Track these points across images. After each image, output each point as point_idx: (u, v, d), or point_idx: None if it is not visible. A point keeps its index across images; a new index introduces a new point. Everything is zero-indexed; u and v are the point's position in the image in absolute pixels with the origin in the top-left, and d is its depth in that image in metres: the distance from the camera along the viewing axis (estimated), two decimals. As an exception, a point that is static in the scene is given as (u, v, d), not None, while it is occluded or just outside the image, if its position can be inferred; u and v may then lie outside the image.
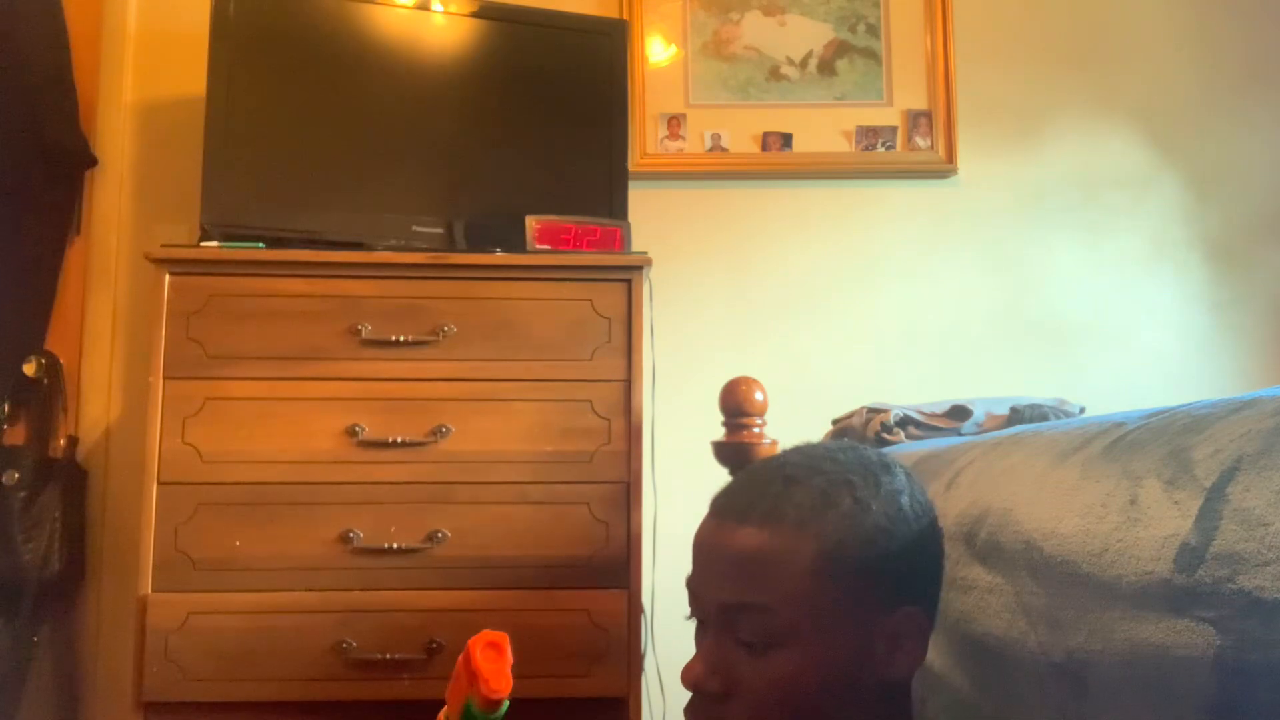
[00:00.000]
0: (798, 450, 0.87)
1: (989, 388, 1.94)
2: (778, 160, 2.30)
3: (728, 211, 2.30)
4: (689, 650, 0.86)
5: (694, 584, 0.83)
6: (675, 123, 2.29)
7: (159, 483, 1.64)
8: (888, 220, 2.32)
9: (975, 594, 0.87)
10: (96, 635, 2.06)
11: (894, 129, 2.31)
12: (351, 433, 1.66)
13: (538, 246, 1.78)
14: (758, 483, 0.83)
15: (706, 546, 0.83)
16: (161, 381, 1.65)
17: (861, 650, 0.77)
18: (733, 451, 1.38)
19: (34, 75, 2.07)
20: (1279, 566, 0.55)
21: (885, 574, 0.79)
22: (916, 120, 2.31)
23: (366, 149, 1.91)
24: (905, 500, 0.81)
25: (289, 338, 1.68)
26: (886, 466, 0.84)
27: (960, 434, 1.42)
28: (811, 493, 0.79)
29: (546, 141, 1.98)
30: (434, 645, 1.62)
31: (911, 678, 0.82)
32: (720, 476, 1.41)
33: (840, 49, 2.33)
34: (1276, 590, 0.54)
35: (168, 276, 1.68)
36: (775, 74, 2.32)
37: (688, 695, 0.87)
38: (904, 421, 1.48)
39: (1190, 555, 0.61)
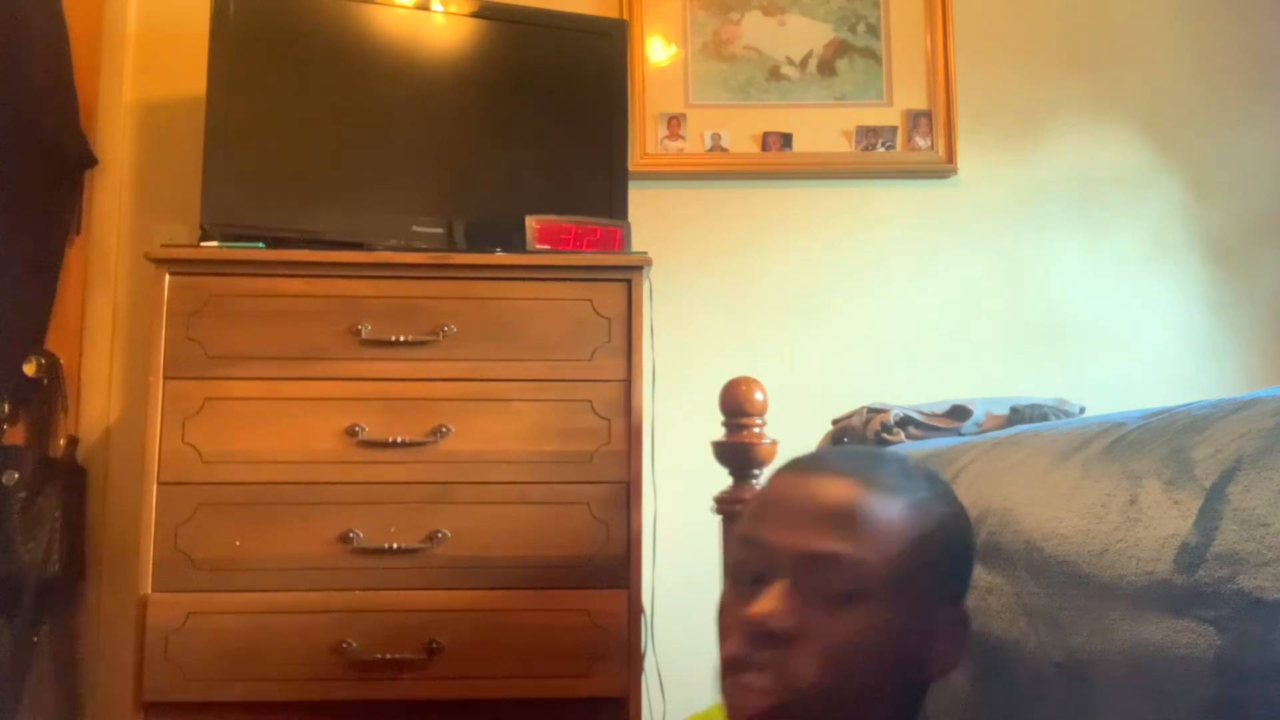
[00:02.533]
0: (869, 445, 0.86)
1: (989, 388, 1.94)
2: (778, 160, 2.30)
3: (728, 211, 2.30)
4: (689, 650, 0.84)
5: (765, 530, 0.77)
6: (675, 123, 2.29)
7: (159, 483, 1.64)
8: (888, 220, 2.32)
9: (975, 594, 0.87)
10: (96, 635, 2.06)
11: (894, 129, 2.31)
12: (352, 433, 1.66)
13: (538, 246, 1.78)
14: (845, 451, 0.83)
15: (789, 495, 0.78)
16: (161, 381, 1.65)
17: (926, 634, 0.76)
18: (733, 451, 1.38)
19: (34, 76, 2.07)
20: (1279, 566, 0.55)
21: (956, 565, 0.79)
22: (916, 120, 2.31)
23: (366, 149, 1.91)
24: (960, 508, 0.82)
25: (289, 338, 1.68)
26: (938, 475, 0.85)
27: (960, 434, 1.42)
28: (904, 467, 0.80)
29: (546, 141, 1.98)
30: (434, 645, 1.62)
31: (938, 679, 0.80)
32: (720, 476, 1.41)
33: (840, 49, 2.33)
34: (1277, 590, 0.54)
35: (168, 276, 1.68)
36: (775, 74, 2.32)
37: (688, 694, 0.86)
38: (904, 421, 1.48)
39: (1190, 555, 0.61)
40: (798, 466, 0.81)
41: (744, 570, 0.78)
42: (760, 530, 0.77)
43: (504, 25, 1.99)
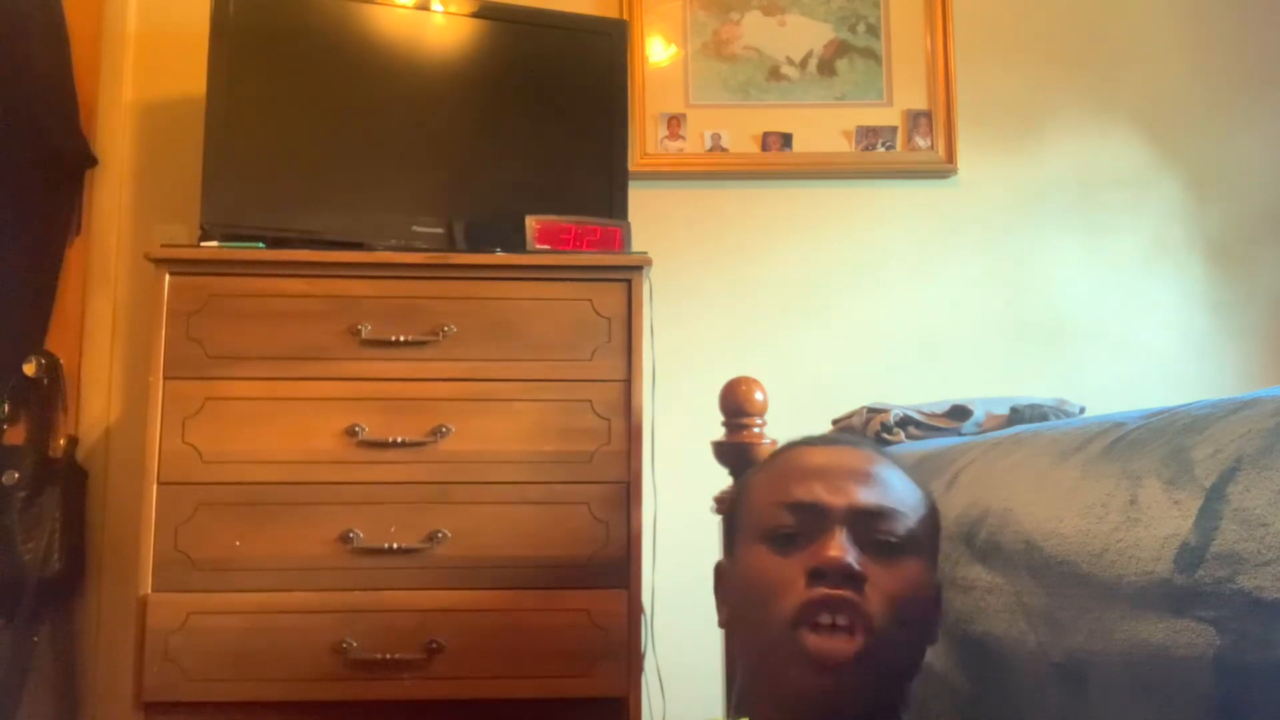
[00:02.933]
0: None
1: (989, 388, 1.94)
2: (778, 160, 2.30)
3: (728, 211, 2.30)
4: (689, 650, 0.86)
5: (812, 489, 0.81)
6: (675, 123, 2.29)
7: (159, 483, 1.64)
8: (888, 220, 2.32)
9: (975, 594, 0.87)
10: (96, 635, 2.06)
11: (894, 129, 2.31)
12: (351, 433, 1.66)
13: (538, 246, 1.78)
14: (843, 436, 0.96)
15: (827, 461, 0.85)
16: (161, 381, 1.65)
17: (935, 601, 0.86)
18: (733, 451, 1.38)
19: (34, 76, 2.07)
20: (1279, 566, 0.55)
21: (937, 545, 0.89)
22: (916, 120, 2.31)
23: (366, 149, 1.91)
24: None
25: (289, 338, 1.68)
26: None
27: (960, 434, 1.42)
28: (889, 453, 0.92)
29: (547, 141, 1.98)
30: (434, 645, 1.62)
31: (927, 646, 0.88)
32: (720, 476, 1.41)
33: (840, 49, 2.33)
34: (1277, 590, 0.54)
35: (168, 276, 1.68)
36: (775, 74, 2.32)
37: (688, 694, 0.88)
38: (904, 421, 1.48)
39: (1190, 555, 0.61)
40: (813, 441, 0.89)
41: (783, 534, 0.81)
42: (804, 491, 0.81)
43: (504, 25, 1.99)
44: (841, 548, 0.77)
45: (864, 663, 0.76)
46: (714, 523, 1.40)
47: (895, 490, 0.83)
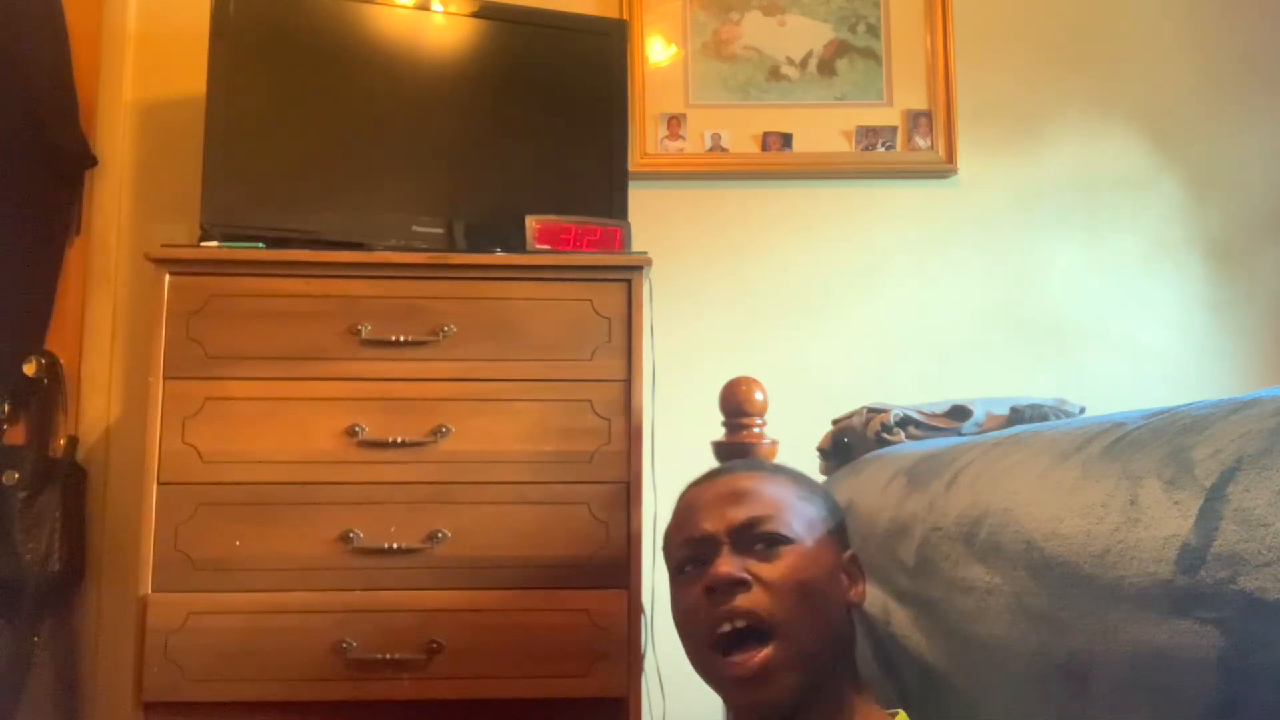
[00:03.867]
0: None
1: (989, 388, 1.94)
2: (778, 160, 2.30)
3: (728, 211, 2.30)
4: None
5: (698, 524, 0.99)
6: (675, 123, 2.29)
7: (159, 483, 1.64)
8: (888, 220, 2.32)
9: (975, 595, 0.87)
10: (96, 635, 2.06)
11: (894, 129, 2.31)
12: (352, 433, 1.66)
13: (538, 246, 1.78)
14: (724, 466, 1.10)
15: (707, 494, 1.02)
16: (161, 381, 1.65)
17: (834, 569, 0.99)
18: (733, 451, 1.38)
19: (34, 75, 2.07)
20: (1279, 567, 0.55)
21: (833, 521, 1.03)
22: (916, 120, 2.31)
23: (366, 149, 1.91)
24: (825, 488, 1.10)
25: (289, 338, 1.68)
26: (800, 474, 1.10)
27: (960, 434, 1.42)
28: (768, 465, 1.09)
29: (546, 141, 1.98)
30: (434, 645, 1.62)
31: (853, 613, 1.02)
32: (720, 476, 1.41)
33: (840, 49, 2.33)
34: (1277, 591, 0.54)
35: (168, 276, 1.68)
36: (775, 74, 2.32)
37: (688, 694, 0.90)
38: (904, 421, 1.48)
39: (1191, 556, 0.61)
40: (700, 479, 1.06)
41: (686, 566, 0.99)
42: (692, 527, 0.99)
43: (504, 25, 1.99)
44: (726, 562, 0.94)
45: (774, 660, 0.91)
46: (714, 523, 1.39)
47: (766, 497, 0.98)
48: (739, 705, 0.96)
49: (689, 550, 0.99)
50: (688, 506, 1.03)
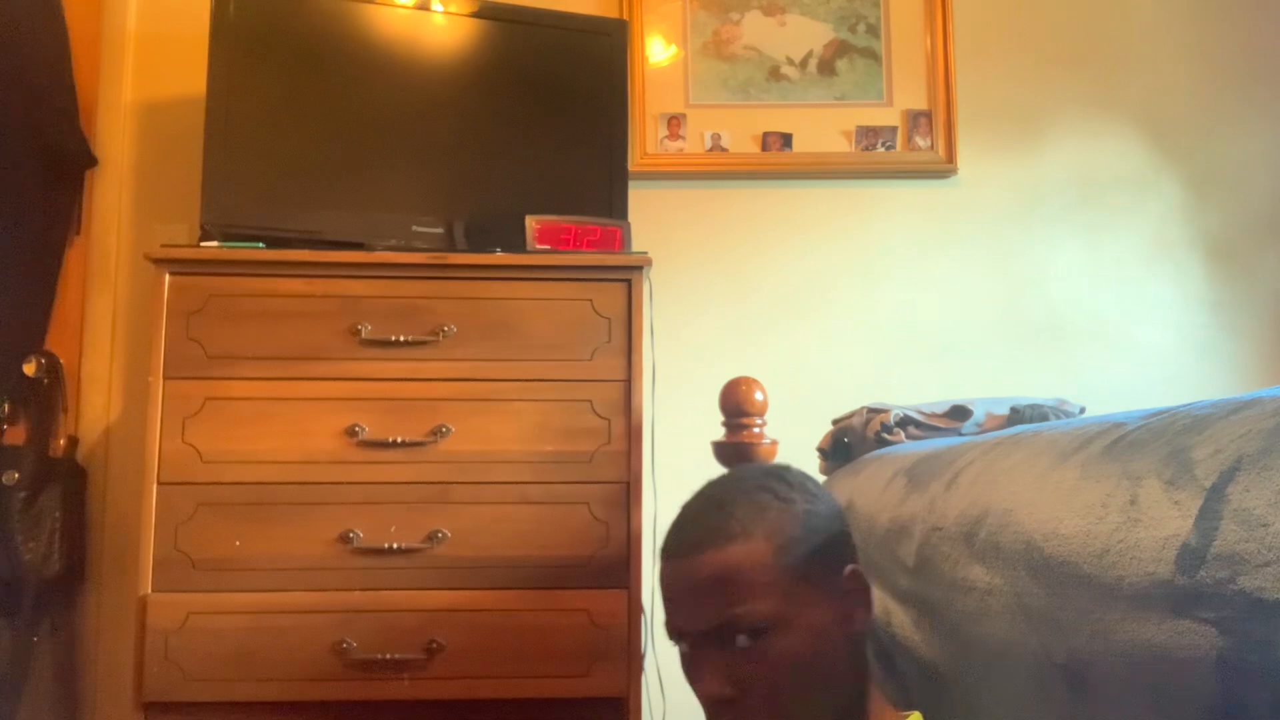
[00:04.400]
0: (711, 483, 1.01)
1: (989, 388, 1.94)
2: (778, 160, 2.30)
3: (728, 211, 2.30)
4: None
5: (677, 620, 0.93)
6: (675, 123, 2.29)
7: (159, 483, 1.64)
8: (888, 220, 2.32)
9: (975, 595, 0.87)
10: (96, 635, 2.06)
11: (894, 129, 2.31)
12: (351, 433, 1.66)
13: (538, 246, 1.78)
14: (695, 517, 0.96)
15: (677, 586, 0.94)
16: (161, 381, 1.65)
17: (830, 611, 0.91)
18: (733, 451, 1.38)
19: (34, 76, 2.07)
20: (1279, 567, 0.55)
21: (824, 544, 0.93)
22: (916, 120, 2.31)
23: (366, 149, 1.91)
24: (811, 485, 0.98)
25: (289, 338, 1.68)
26: (780, 470, 1.00)
27: (960, 434, 1.42)
28: (743, 507, 0.93)
29: (546, 141, 1.98)
30: (434, 645, 1.62)
31: (867, 631, 0.95)
32: (720, 476, 1.41)
33: (840, 49, 2.33)
34: (1277, 591, 0.54)
35: (168, 276, 1.68)
36: (775, 74, 2.32)
37: (688, 694, 0.90)
38: (904, 421, 1.48)
39: (1191, 556, 0.61)
40: (667, 552, 0.96)
41: (681, 640, 0.94)
42: (670, 625, 0.94)
43: (504, 25, 1.99)
44: (714, 678, 0.89)
45: None
46: (714, 523, 1.39)
47: (740, 576, 0.89)
48: None
49: (675, 638, 0.95)
50: (665, 588, 0.96)
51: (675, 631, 0.94)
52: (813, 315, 2.28)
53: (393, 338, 1.69)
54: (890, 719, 0.95)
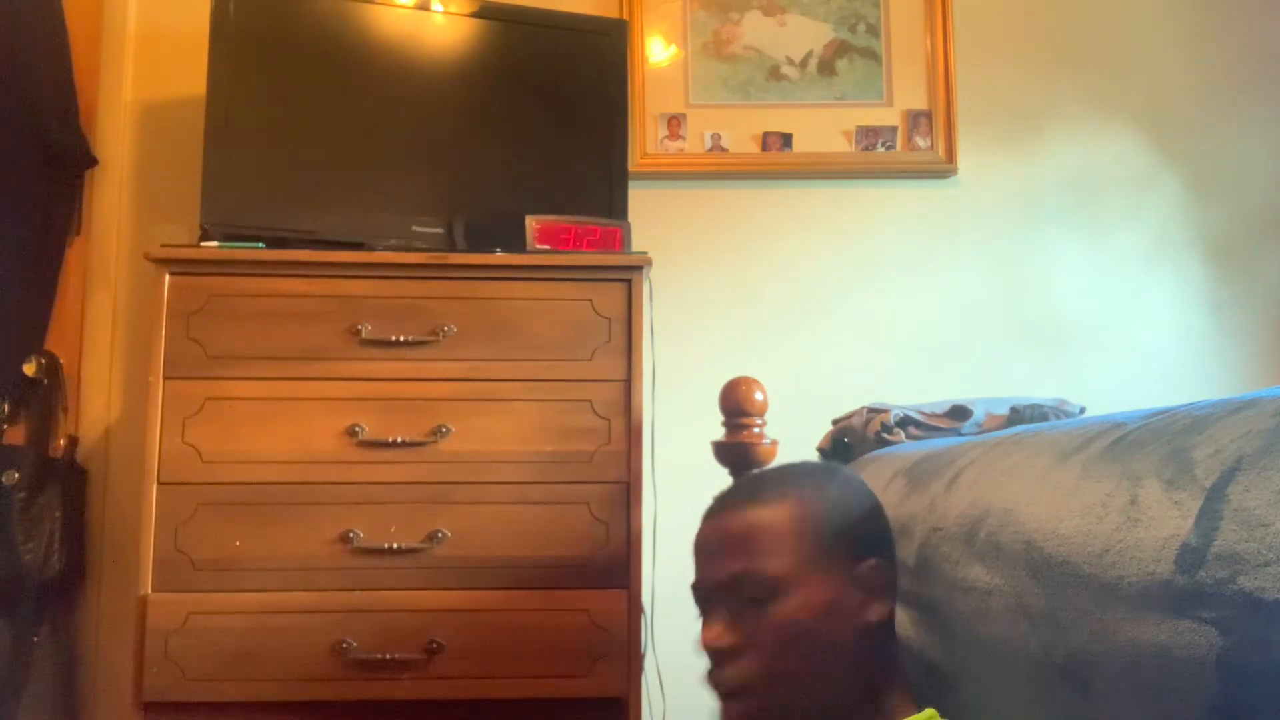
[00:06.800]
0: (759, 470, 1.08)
1: (989, 388, 1.94)
2: (778, 160, 2.30)
3: (728, 211, 2.30)
4: (689, 650, 0.89)
5: (700, 572, 0.98)
6: (675, 123, 2.29)
7: (159, 483, 1.64)
8: (888, 220, 2.32)
9: (976, 595, 0.87)
10: (96, 635, 2.06)
11: (894, 129, 2.31)
12: (351, 433, 1.66)
13: (538, 246, 1.78)
14: (735, 486, 1.04)
15: (705, 542, 0.99)
16: (161, 381, 1.65)
17: (841, 594, 0.92)
18: (733, 451, 1.38)
19: (34, 75, 2.07)
20: (1279, 567, 0.55)
21: (848, 532, 0.96)
22: (916, 120, 2.31)
23: (366, 149, 1.91)
24: (856, 483, 1.02)
25: (289, 338, 1.68)
26: (831, 465, 1.07)
27: (960, 434, 1.42)
28: (778, 480, 1.00)
29: (546, 141, 1.98)
30: (434, 645, 1.62)
31: (884, 626, 0.95)
32: (720, 476, 1.41)
33: (840, 49, 2.33)
34: (1277, 591, 0.54)
35: (168, 276, 1.68)
36: (775, 74, 2.32)
37: (688, 694, 0.90)
38: (904, 421, 1.48)
39: (1191, 556, 0.61)
40: (704, 515, 1.01)
41: (702, 603, 0.98)
42: (697, 574, 0.98)
43: (504, 25, 1.99)
44: (716, 631, 0.93)
45: (762, 715, 0.91)
46: (714, 523, 1.39)
47: (755, 542, 0.93)
48: None
49: (695, 595, 1.00)
50: (696, 547, 1.01)
51: (695, 588, 0.98)
52: (813, 315, 2.28)
53: (393, 338, 1.69)
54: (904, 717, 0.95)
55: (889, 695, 0.93)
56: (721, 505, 1.00)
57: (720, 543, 0.96)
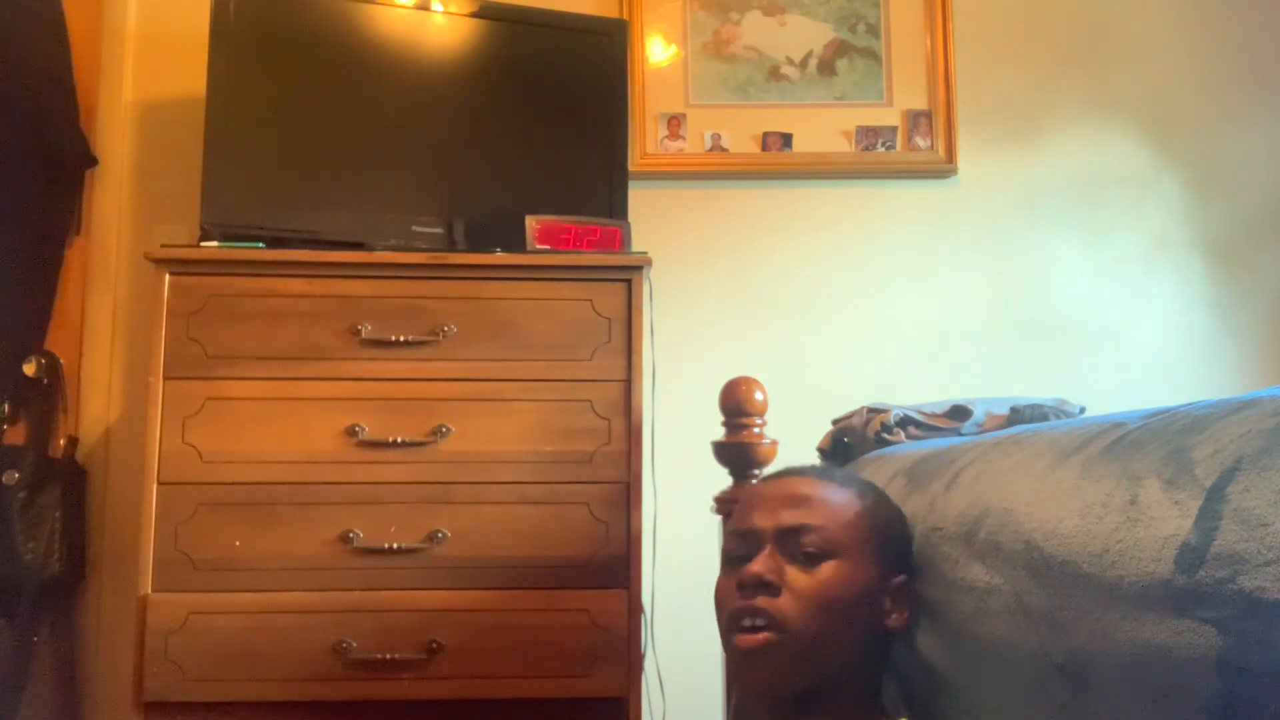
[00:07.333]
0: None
1: (989, 388, 1.94)
2: (778, 160, 2.30)
3: (728, 211, 2.30)
4: (689, 650, 0.89)
5: (751, 518, 1.01)
6: (675, 123, 2.29)
7: (159, 483, 1.64)
8: (888, 220, 2.32)
9: (975, 595, 0.87)
10: (96, 635, 2.06)
11: (894, 129, 2.31)
12: (351, 433, 1.66)
13: (538, 246, 1.78)
14: (802, 466, 1.08)
15: (767, 491, 1.03)
16: (161, 381, 1.65)
17: (876, 594, 0.98)
18: (733, 451, 1.38)
19: (34, 75, 2.07)
20: (1279, 567, 0.55)
21: (894, 543, 1.01)
22: (916, 120, 2.31)
23: (366, 149, 1.91)
24: (898, 509, 1.06)
25: (289, 338, 1.68)
26: (883, 491, 1.09)
27: (960, 434, 1.42)
28: (849, 475, 1.07)
29: (546, 141, 1.98)
30: (434, 645, 1.62)
31: (898, 638, 1.00)
32: (720, 476, 1.41)
33: (840, 49, 2.33)
34: (1277, 591, 0.54)
35: (168, 276, 1.68)
36: (775, 74, 2.32)
37: (688, 694, 0.90)
38: (904, 421, 1.48)
39: (1191, 556, 0.61)
40: (771, 475, 1.08)
41: (733, 556, 1.01)
42: (746, 520, 1.01)
43: (504, 25, 1.99)
44: (763, 563, 0.96)
45: (775, 652, 0.93)
46: (714, 523, 1.40)
47: (822, 507, 0.98)
48: (741, 682, 1.00)
49: (738, 541, 1.01)
50: (749, 499, 1.04)
51: (738, 531, 1.01)
52: (813, 315, 2.28)
53: (393, 338, 1.69)
54: None
55: (879, 696, 0.99)
56: (788, 472, 1.05)
57: (787, 497, 1.00)
